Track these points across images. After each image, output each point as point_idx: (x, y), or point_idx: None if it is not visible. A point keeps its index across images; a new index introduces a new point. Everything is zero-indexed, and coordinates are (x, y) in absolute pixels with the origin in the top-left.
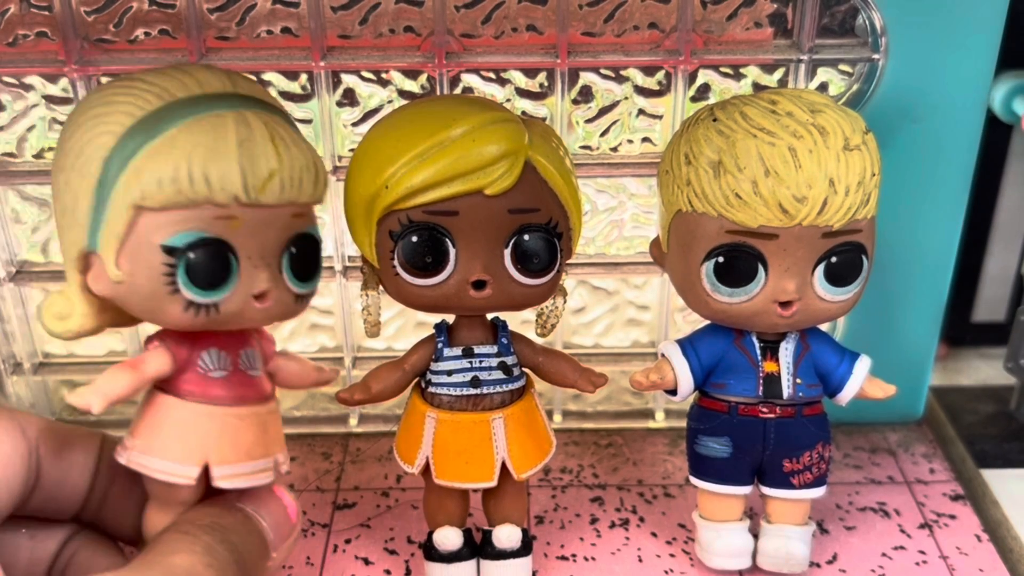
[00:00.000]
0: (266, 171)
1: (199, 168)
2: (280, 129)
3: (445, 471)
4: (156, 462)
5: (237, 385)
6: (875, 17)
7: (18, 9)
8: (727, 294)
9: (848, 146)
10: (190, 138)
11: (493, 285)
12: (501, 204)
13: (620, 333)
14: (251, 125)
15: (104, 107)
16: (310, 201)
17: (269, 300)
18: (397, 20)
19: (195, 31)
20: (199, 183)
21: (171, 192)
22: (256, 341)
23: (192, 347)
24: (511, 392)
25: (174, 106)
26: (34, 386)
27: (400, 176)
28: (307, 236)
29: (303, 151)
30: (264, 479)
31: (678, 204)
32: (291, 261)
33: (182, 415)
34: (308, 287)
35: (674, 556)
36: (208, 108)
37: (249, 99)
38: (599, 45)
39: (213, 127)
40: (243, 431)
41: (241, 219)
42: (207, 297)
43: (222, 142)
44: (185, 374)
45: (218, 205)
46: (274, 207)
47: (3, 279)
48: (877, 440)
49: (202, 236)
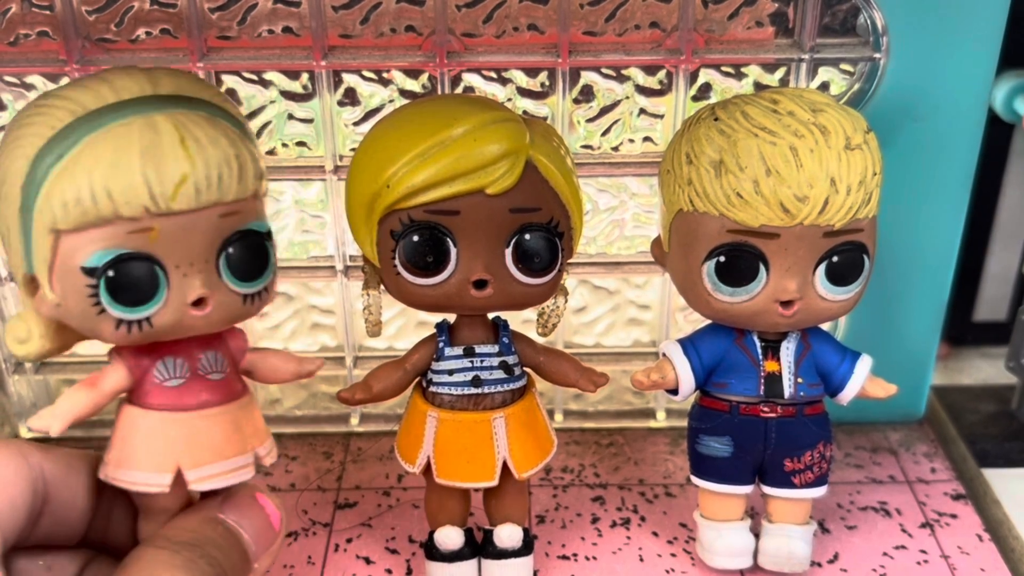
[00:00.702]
0: (177, 176)
1: (100, 184)
2: (195, 129)
3: (446, 470)
4: (130, 474)
5: (198, 391)
6: (876, 16)
7: (19, 8)
8: (728, 293)
9: (849, 145)
10: (93, 153)
11: (494, 284)
12: (502, 203)
13: (621, 332)
14: (159, 129)
15: (20, 130)
16: (238, 198)
17: (208, 306)
18: (398, 19)
19: (196, 30)
20: (102, 200)
21: (77, 213)
22: (221, 342)
23: (148, 358)
24: (512, 391)
25: (82, 120)
26: (35, 385)
27: (401, 175)
28: (246, 233)
29: (221, 148)
30: (244, 475)
31: (679, 203)
32: (229, 262)
33: (148, 424)
34: (254, 286)
35: (675, 556)
36: (116, 117)
37: (170, 99)
38: (600, 44)
39: (116, 138)
40: (211, 431)
41: (158, 229)
42: (135, 313)
43: (123, 153)
44: (144, 385)
45: (129, 219)
46: (194, 212)
47: (3, 279)
48: (878, 439)
49: (119, 253)
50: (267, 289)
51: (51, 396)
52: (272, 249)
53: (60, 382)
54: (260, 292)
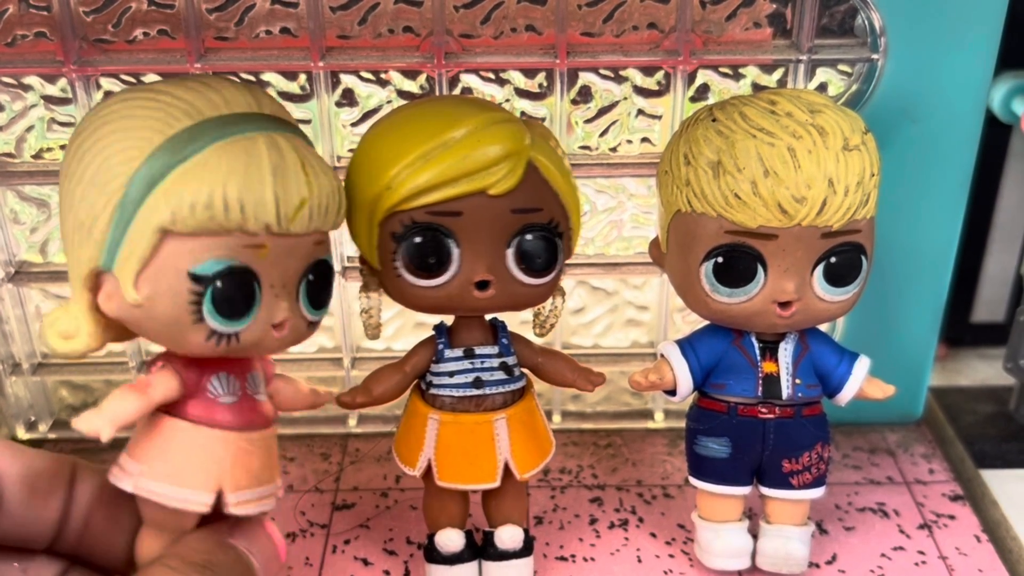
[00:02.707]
0: (298, 200)
1: (234, 194)
2: (309, 155)
3: (448, 473)
4: (168, 488)
5: (247, 411)
6: (874, 17)
7: (16, 9)
8: (726, 294)
9: (847, 146)
10: (223, 162)
11: (496, 285)
12: (504, 204)
13: (619, 333)
14: (282, 150)
15: (127, 120)
16: (332, 228)
17: (286, 329)
18: (396, 20)
19: (194, 31)
20: (234, 210)
21: (204, 218)
22: (259, 364)
23: (201, 372)
24: (512, 392)
25: (204, 125)
26: (32, 386)
27: (403, 177)
28: (324, 263)
29: (330, 178)
30: (269, 504)
31: (677, 204)
32: (308, 289)
33: (194, 440)
34: (320, 314)
35: (673, 556)
36: (238, 130)
37: (274, 120)
38: (598, 45)
39: (246, 151)
40: (253, 456)
41: (269, 248)
42: (230, 327)
43: (256, 168)
44: (194, 398)
45: (249, 233)
46: (301, 236)
47: (2, 279)
48: (876, 440)
49: (231, 265)
50: (322, 319)
51: (48, 399)
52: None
53: (57, 383)
54: (320, 320)
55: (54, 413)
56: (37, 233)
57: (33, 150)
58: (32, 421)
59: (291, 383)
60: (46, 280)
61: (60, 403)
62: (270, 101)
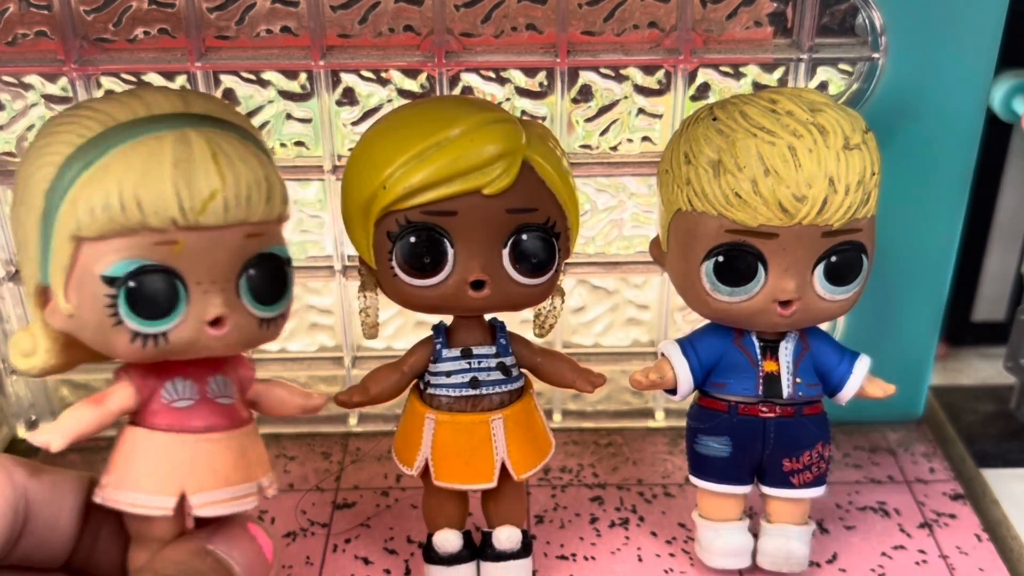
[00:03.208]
0: (207, 191)
1: (130, 193)
2: (227, 146)
3: (445, 473)
4: (130, 495)
5: (206, 414)
6: (875, 16)
7: (17, 8)
8: (727, 293)
9: (848, 145)
10: (124, 163)
11: (491, 285)
12: (499, 204)
13: (620, 332)
14: (191, 144)
15: (48, 137)
16: (264, 220)
17: (226, 327)
18: (397, 19)
19: (194, 30)
20: (131, 208)
21: (104, 220)
22: (230, 368)
23: (157, 378)
24: (510, 392)
25: (114, 131)
26: (33, 386)
27: (398, 177)
28: (268, 256)
29: (252, 168)
30: (247, 504)
31: (678, 203)
32: (249, 284)
33: (152, 445)
34: (273, 310)
35: (674, 556)
36: (149, 130)
37: (202, 118)
38: (599, 44)
39: (149, 150)
40: (218, 456)
41: (183, 243)
42: (152, 327)
43: (155, 164)
44: (151, 405)
45: (155, 230)
46: (220, 228)
47: (2, 279)
48: (877, 439)
49: (142, 264)
50: (283, 316)
51: (49, 397)
52: (291, 276)
53: (58, 383)
54: (276, 318)
55: (55, 412)
56: None
57: None
58: (33, 420)
59: (275, 388)
60: None
61: (61, 402)
62: (204, 102)
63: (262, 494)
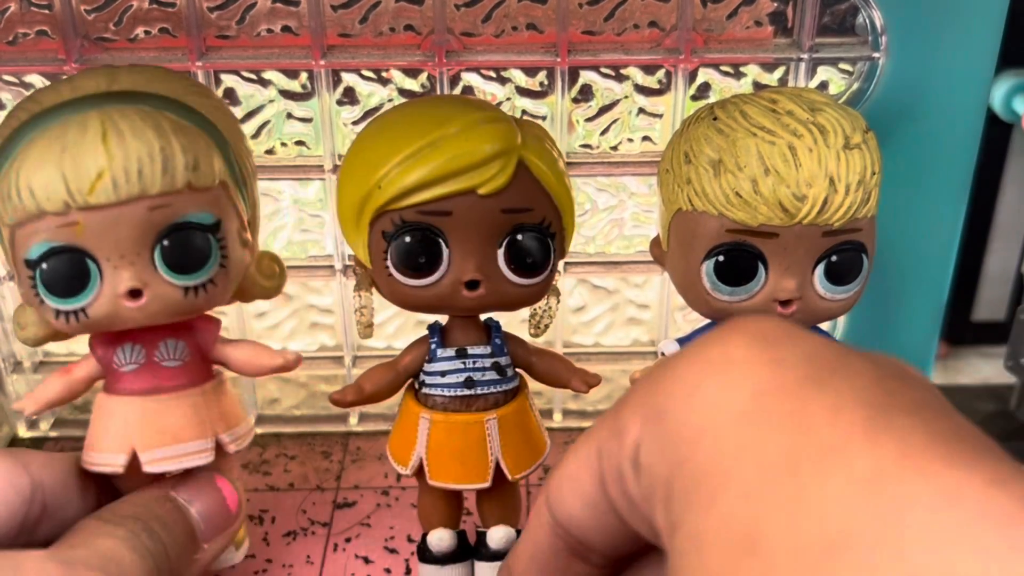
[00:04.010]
0: (94, 172)
1: (24, 181)
2: (122, 123)
3: (439, 472)
4: (92, 455)
5: (150, 376)
6: (875, 16)
7: (18, 7)
8: (727, 293)
9: (848, 145)
10: (25, 154)
11: (486, 285)
12: (494, 204)
13: (620, 332)
14: (87, 127)
15: None
16: (165, 191)
17: (143, 298)
18: (397, 19)
19: (195, 30)
20: (26, 196)
21: (11, 208)
22: (185, 331)
23: (111, 346)
24: (505, 393)
25: (34, 120)
26: (34, 385)
27: (392, 176)
28: (182, 225)
29: (146, 141)
30: (200, 460)
31: (678, 203)
32: (163, 254)
33: (108, 408)
34: (194, 278)
35: None
36: (58, 117)
37: (120, 95)
38: (599, 44)
39: (48, 137)
40: (166, 415)
41: (84, 223)
42: (69, 304)
43: (48, 151)
44: (108, 372)
45: (54, 214)
46: (117, 205)
47: (2, 278)
48: None
49: (51, 246)
50: (212, 281)
51: None
52: (215, 241)
53: None
54: (204, 284)
55: (55, 412)
56: None
57: None
58: (33, 419)
59: (241, 348)
60: None
61: None
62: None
63: (223, 449)
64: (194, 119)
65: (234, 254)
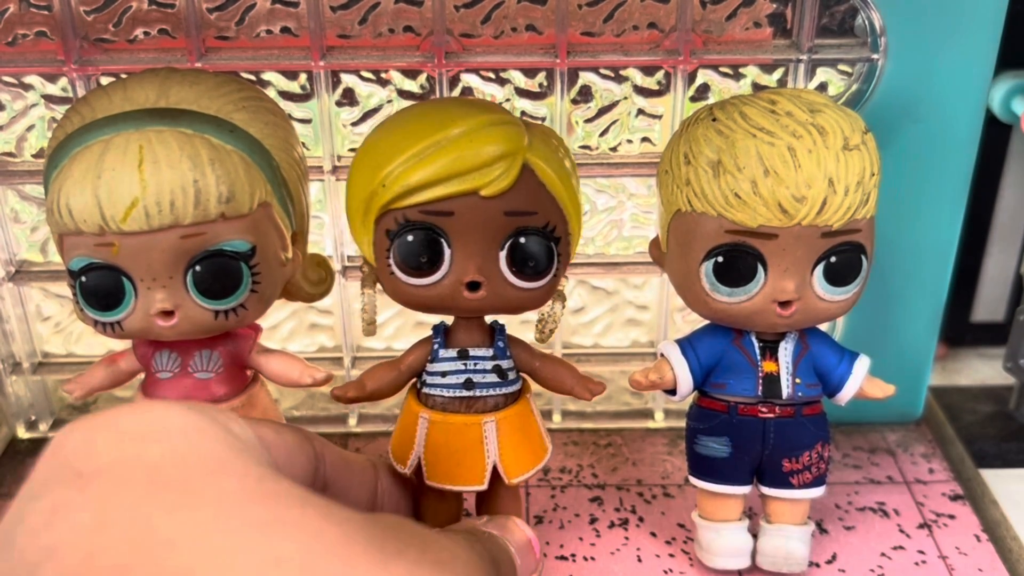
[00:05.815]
0: (128, 200)
1: (63, 201)
2: (160, 150)
3: (435, 473)
4: None
5: (179, 388)
6: (874, 17)
7: (17, 8)
8: (726, 294)
9: (847, 146)
10: (68, 170)
11: (487, 287)
12: (497, 206)
13: (619, 333)
14: (126, 150)
15: (54, 129)
16: (198, 222)
17: (174, 319)
18: (396, 20)
19: (194, 31)
20: (65, 215)
21: (53, 223)
22: (223, 341)
23: (152, 347)
24: (505, 396)
25: (80, 131)
26: (33, 386)
27: (397, 175)
28: (215, 253)
29: (179, 172)
30: None
31: (677, 204)
32: (195, 280)
33: None
34: (225, 304)
35: (673, 556)
36: (103, 132)
37: (166, 112)
38: (598, 45)
39: (89, 156)
40: None
41: (119, 245)
42: (106, 316)
43: (87, 173)
44: (147, 374)
45: (90, 234)
46: (149, 232)
47: (2, 279)
48: (876, 440)
49: (89, 261)
50: (243, 306)
51: (48, 397)
52: (247, 269)
53: (57, 382)
54: (235, 308)
55: (54, 412)
56: (38, 232)
57: (34, 149)
58: (32, 420)
59: (276, 358)
60: (46, 279)
61: (60, 402)
62: (185, 89)
63: None
64: (239, 141)
65: (268, 278)
